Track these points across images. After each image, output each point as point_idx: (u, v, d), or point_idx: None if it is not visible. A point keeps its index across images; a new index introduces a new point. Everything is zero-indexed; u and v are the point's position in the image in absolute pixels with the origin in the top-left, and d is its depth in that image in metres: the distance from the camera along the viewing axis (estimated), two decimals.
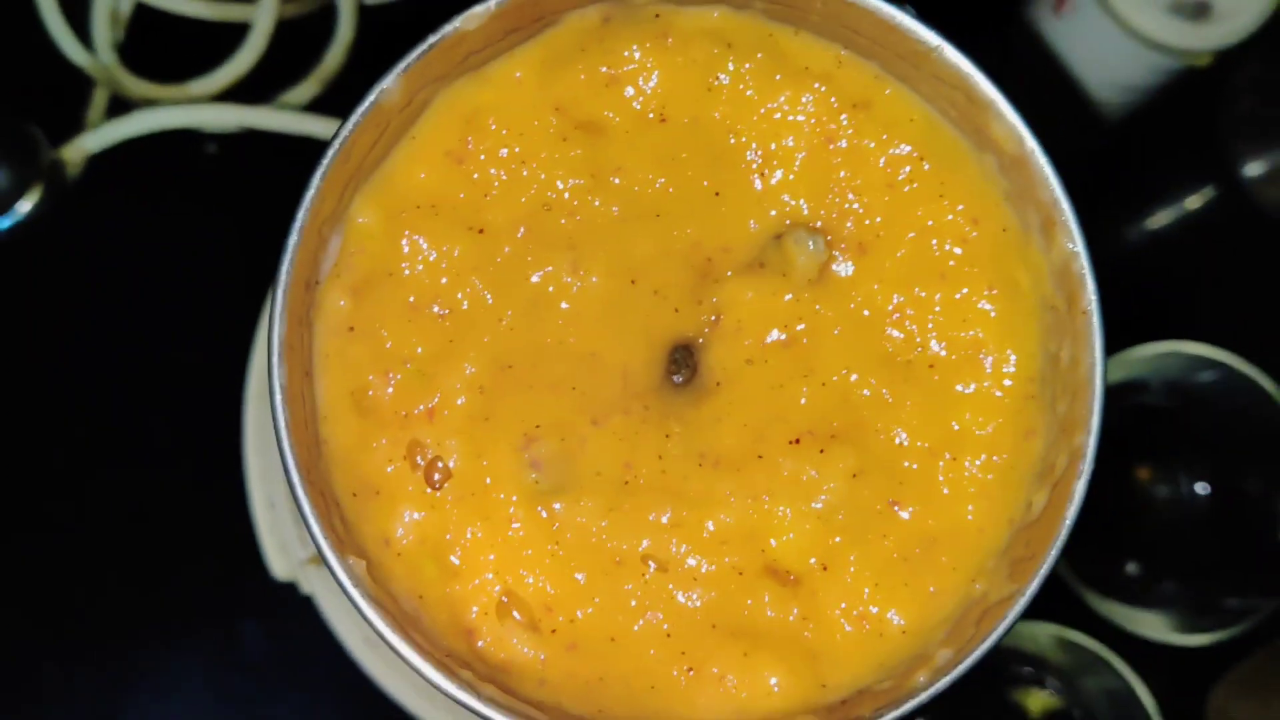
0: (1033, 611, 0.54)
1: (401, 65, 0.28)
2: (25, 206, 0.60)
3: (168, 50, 0.62)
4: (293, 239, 0.27)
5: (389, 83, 0.28)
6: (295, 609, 0.57)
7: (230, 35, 0.62)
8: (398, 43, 0.63)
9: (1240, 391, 0.56)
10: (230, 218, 0.61)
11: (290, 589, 0.53)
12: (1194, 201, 0.64)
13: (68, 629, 0.57)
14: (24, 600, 0.57)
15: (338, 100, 0.62)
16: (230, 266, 0.60)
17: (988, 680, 0.58)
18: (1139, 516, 0.60)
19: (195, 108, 0.61)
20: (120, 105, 0.62)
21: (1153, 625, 0.56)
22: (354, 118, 0.27)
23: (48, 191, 0.60)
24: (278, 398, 0.26)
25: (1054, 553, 0.27)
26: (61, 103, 0.61)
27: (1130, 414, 0.60)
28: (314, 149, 0.60)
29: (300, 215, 0.27)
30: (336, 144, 0.27)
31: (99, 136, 0.61)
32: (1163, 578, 0.59)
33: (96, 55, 0.61)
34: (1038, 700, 0.58)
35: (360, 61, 0.62)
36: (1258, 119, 0.62)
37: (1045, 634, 0.55)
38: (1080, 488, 0.28)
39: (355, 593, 0.26)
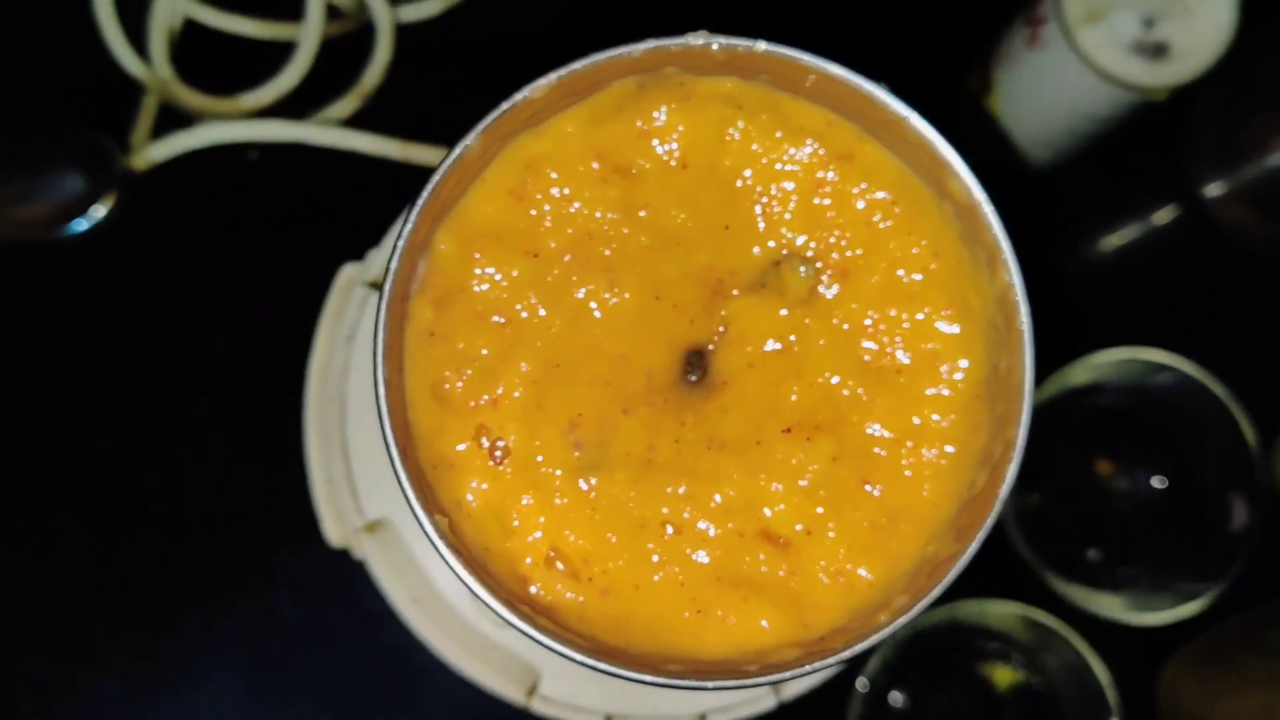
0: (1000, 592, 0.59)
1: (481, 126, 0.33)
2: (100, 212, 0.64)
3: (214, 64, 0.66)
4: (394, 263, 0.32)
5: (471, 140, 0.33)
6: (326, 578, 0.62)
7: (273, 52, 0.65)
8: (432, 62, 0.67)
9: (1194, 394, 0.60)
10: (275, 223, 0.65)
11: (324, 560, 0.57)
12: (1159, 219, 0.68)
13: (121, 594, 0.61)
14: (81, 566, 0.62)
15: (376, 115, 0.66)
16: (280, 266, 0.64)
17: (958, 655, 0.63)
18: (1100, 507, 0.65)
19: (254, 123, 0.65)
20: (167, 116, 0.65)
21: (1110, 606, 0.60)
22: (444, 167, 0.32)
23: (120, 198, 0.65)
24: (381, 389, 0.32)
25: (990, 520, 0.32)
26: (106, 113, 0.65)
27: (1094, 413, 0.64)
28: (351, 160, 0.65)
29: (400, 245, 0.32)
30: (430, 188, 0.32)
31: (166, 147, 0.65)
32: (1121, 563, 0.63)
33: (153, 68, 0.65)
34: (1004, 674, 0.63)
35: (397, 79, 0.66)
36: (1217, 145, 0.66)
37: (1011, 613, 0.59)
38: (1011, 470, 0.33)
39: (441, 544, 0.31)
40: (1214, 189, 0.66)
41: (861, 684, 0.60)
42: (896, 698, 0.62)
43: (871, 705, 0.61)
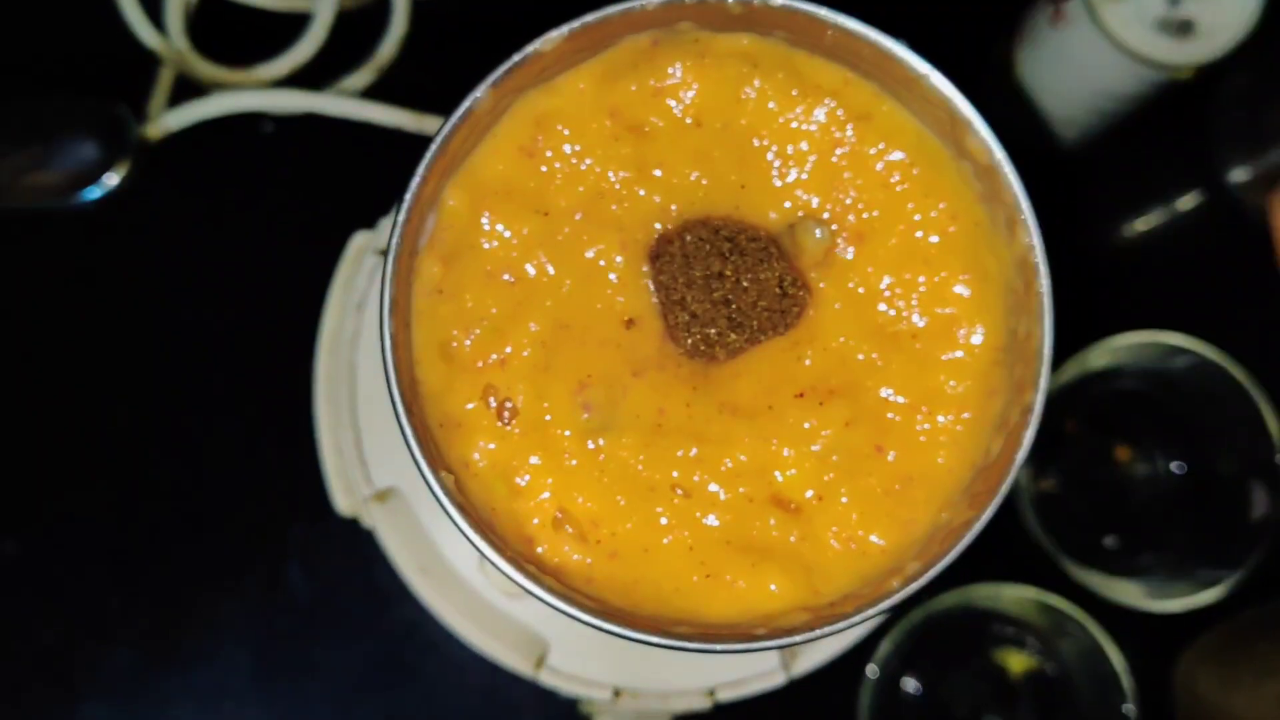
0: (1016, 577, 0.59)
1: (491, 79, 0.32)
2: (114, 179, 0.64)
3: (230, 37, 0.65)
4: (401, 217, 0.31)
5: (480, 93, 0.33)
6: (338, 552, 0.62)
7: (289, 24, 0.65)
8: (447, 36, 0.67)
9: (1214, 379, 0.59)
10: (288, 193, 0.65)
11: (331, 537, 0.58)
12: (1183, 204, 0.68)
13: (133, 569, 0.61)
14: (91, 540, 0.61)
15: (391, 88, 0.65)
16: (292, 236, 0.64)
17: (972, 641, 0.62)
18: (1118, 493, 0.64)
19: (267, 92, 0.65)
20: (183, 88, 0.65)
21: (1127, 592, 0.59)
22: (452, 120, 0.32)
23: (134, 166, 0.65)
24: (387, 344, 0.31)
25: (1004, 487, 0.32)
26: (122, 84, 0.64)
27: (1113, 397, 0.64)
28: (365, 131, 0.64)
29: (408, 198, 0.32)
30: (437, 141, 0.32)
31: (180, 115, 0.65)
32: (1139, 550, 0.63)
33: (169, 39, 0.65)
34: (1018, 660, 0.62)
35: (413, 52, 0.66)
36: (1243, 129, 0.66)
37: (1026, 598, 0.58)
38: (1028, 436, 0.32)
39: (446, 500, 0.31)
40: (1239, 174, 0.66)
41: (872, 670, 0.59)
42: (909, 684, 0.61)
43: (883, 692, 0.60)
